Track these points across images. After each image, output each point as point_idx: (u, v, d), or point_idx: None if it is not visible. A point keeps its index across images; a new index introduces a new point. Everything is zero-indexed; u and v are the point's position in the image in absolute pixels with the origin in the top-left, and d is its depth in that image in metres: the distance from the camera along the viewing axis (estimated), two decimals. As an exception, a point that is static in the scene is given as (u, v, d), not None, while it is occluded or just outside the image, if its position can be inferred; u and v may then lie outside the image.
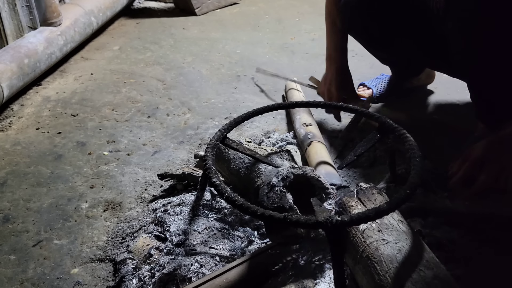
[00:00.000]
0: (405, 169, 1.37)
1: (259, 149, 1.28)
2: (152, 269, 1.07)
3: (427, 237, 1.07)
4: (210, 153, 1.10)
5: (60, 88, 2.06)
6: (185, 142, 1.66)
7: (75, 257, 1.19)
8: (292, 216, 0.87)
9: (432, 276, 0.83)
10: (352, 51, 2.32)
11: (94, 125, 1.77)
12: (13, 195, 1.41)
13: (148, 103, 1.92)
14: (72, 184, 1.46)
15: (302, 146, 1.44)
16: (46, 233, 1.27)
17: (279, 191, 1.03)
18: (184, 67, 2.24)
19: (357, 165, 1.44)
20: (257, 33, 2.65)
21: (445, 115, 1.72)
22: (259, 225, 1.16)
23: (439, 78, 1.87)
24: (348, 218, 0.85)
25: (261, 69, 2.00)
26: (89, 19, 2.41)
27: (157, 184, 1.44)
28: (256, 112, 1.29)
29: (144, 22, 2.85)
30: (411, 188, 0.95)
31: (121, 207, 1.35)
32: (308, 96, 1.83)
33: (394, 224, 0.93)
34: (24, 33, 2.07)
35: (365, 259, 0.89)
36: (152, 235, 1.17)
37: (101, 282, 1.12)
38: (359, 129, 1.64)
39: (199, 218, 1.19)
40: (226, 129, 1.20)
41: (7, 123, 1.79)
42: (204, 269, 1.04)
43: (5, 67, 1.81)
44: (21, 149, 1.63)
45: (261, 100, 1.92)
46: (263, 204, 1.04)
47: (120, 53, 2.42)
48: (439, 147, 1.53)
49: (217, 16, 2.95)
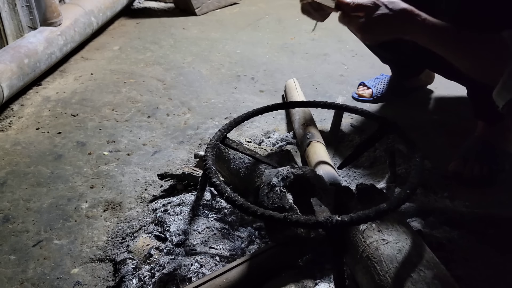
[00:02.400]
0: (405, 169, 1.37)
1: (259, 149, 1.28)
2: (152, 269, 1.07)
3: (427, 237, 1.07)
4: (210, 153, 1.10)
5: (60, 88, 2.06)
6: (185, 142, 1.66)
7: (75, 257, 1.19)
8: (292, 216, 0.87)
9: (432, 276, 0.83)
10: (352, 51, 2.33)
11: (94, 125, 1.77)
12: (13, 195, 1.41)
13: (148, 103, 1.92)
14: (72, 184, 1.46)
15: (301, 146, 1.44)
16: (46, 233, 1.27)
17: (279, 191, 1.03)
18: (184, 67, 2.24)
19: (357, 165, 1.44)
20: (257, 33, 2.65)
21: (445, 115, 1.73)
22: (260, 225, 1.16)
23: (439, 78, 1.86)
24: (348, 218, 0.85)
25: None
26: (89, 19, 2.40)
27: (157, 184, 1.44)
28: (256, 112, 1.29)
29: (144, 22, 2.85)
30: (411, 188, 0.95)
31: (121, 207, 1.36)
32: (308, 96, 1.83)
33: (394, 224, 0.93)
34: (24, 33, 2.07)
35: (365, 259, 0.89)
36: (152, 235, 1.17)
37: (101, 282, 1.12)
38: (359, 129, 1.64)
39: (199, 218, 1.19)
40: (226, 129, 1.20)
41: (7, 123, 1.79)
42: (204, 269, 1.04)
43: (5, 67, 1.81)
44: (21, 149, 1.63)
45: (261, 100, 1.92)
46: (263, 204, 1.04)
47: (120, 53, 2.42)
48: (439, 147, 1.53)
49: (217, 16, 2.95)
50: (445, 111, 1.76)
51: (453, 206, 1.25)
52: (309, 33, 2.57)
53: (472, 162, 1.37)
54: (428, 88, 1.90)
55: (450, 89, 1.85)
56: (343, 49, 2.38)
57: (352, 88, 1.95)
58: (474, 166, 1.37)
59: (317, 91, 1.98)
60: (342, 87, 2.00)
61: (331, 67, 2.20)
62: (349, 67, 2.20)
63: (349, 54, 2.32)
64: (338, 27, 1.22)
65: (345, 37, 2.45)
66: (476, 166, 1.36)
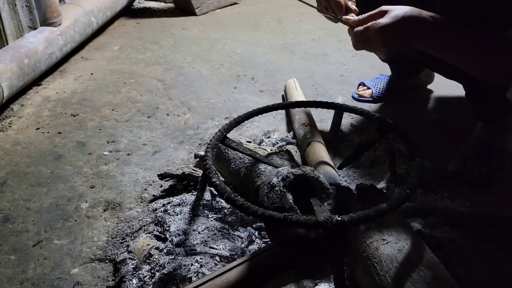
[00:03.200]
0: (405, 169, 1.37)
1: (259, 149, 1.28)
2: (152, 269, 1.07)
3: (427, 237, 1.07)
4: (210, 153, 1.10)
5: (60, 88, 2.06)
6: (185, 142, 1.66)
7: (75, 257, 1.19)
8: (292, 216, 0.87)
9: (432, 276, 0.83)
10: (352, 51, 2.33)
11: (94, 125, 1.77)
12: (13, 195, 1.41)
13: (148, 103, 1.92)
14: (72, 184, 1.46)
15: (301, 146, 1.44)
16: (46, 233, 1.27)
17: (279, 191, 1.03)
18: (184, 67, 2.24)
19: (357, 165, 1.44)
20: (257, 33, 2.65)
21: (445, 115, 1.73)
22: (260, 225, 1.16)
23: (439, 78, 1.86)
24: (348, 218, 0.85)
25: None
26: (89, 19, 2.40)
27: (157, 184, 1.44)
28: (256, 112, 1.29)
29: (144, 22, 2.85)
30: (411, 188, 0.95)
31: (121, 207, 1.36)
32: (308, 96, 1.83)
33: (394, 224, 0.93)
34: (24, 33, 2.07)
35: (365, 259, 0.89)
36: (152, 235, 1.17)
37: (101, 282, 1.12)
38: (359, 129, 1.64)
39: (199, 218, 1.19)
40: (226, 129, 1.20)
41: (7, 123, 1.79)
42: (204, 269, 1.04)
43: (5, 67, 1.81)
44: (21, 149, 1.63)
45: (261, 100, 1.92)
46: (263, 204, 1.04)
47: (120, 53, 2.42)
48: (439, 147, 1.53)
49: (217, 16, 2.95)
50: (445, 111, 1.76)
51: (453, 206, 1.25)
52: (309, 33, 2.57)
53: (472, 162, 1.37)
54: (428, 88, 1.90)
55: (450, 89, 1.85)
56: (343, 49, 2.38)
57: (352, 88, 1.95)
58: (474, 166, 1.37)
59: (317, 91, 1.98)
60: (342, 87, 2.00)
61: (331, 67, 2.20)
62: (349, 67, 2.20)
63: (349, 54, 2.32)
64: (338, 27, 1.22)
65: (345, 37, 2.44)
66: (476, 166, 1.36)
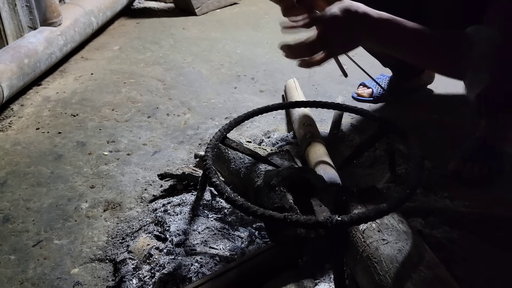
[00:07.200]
0: (405, 169, 1.37)
1: (259, 149, 1.28)
2: (152, 269, 1.07)
3: (427, 237, 1.07)
4: (210, 153, 1.10)
5: (60, 88, 2.06)
6: (185, 142, 1.66)
7: (75, 257, 1.19)
8: (292, 216, 0.87)
9: (432, 276, 0.83)
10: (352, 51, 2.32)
11: (94, 125, 1.77)
12: (13, 195, 1.41)
13: (148, 103, 1.92)
14: (72, 184, 1.46)
15: (301, 146, 1.44)
16: (46, 233, 1.27)
17: (279, 191, 1.03)
18: (184, 67, 2.24)
19: (357, 165, 1.44)
20: (257, 33, 2.65)
21: (445, 115, 1.72)
22: (260, 225, 1.16)
23: (439, 78, 1.86)
24: (348, 218, 0.85)
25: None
26: (89, 19, 2.40)
27: (157, 184, 1.44)
28: (256, 112, 1.29)
29: (144, 22, 2.85)
30: (411, 188, 0.95)
31: (121, 207, 1.36)
32: (308, 96, 1.83)
33: (394, 224, 0.93)
34: (24, 33, 2.07)
35: (365, 259, 0.89)
36: (152, 235, 1.17)
37: (101, 282, 1.12)
38: (359, 129, 1.64)
39: (199, 218, 1.19)
40: (226, 129, 1.20)
41: (7, 123, 1.79)
42: (204, 269, 1.04)
43: (5, 67, 1.81)
44: (21, 149, 1.63)
45: (261, 100, 1.92)
46: (263, 204, 1.04)
47: (120, 53, 2.42)
48: (439, 147, 1.53)
49: (217, 16, 2.95)
50: (445, 111, 1.76)
51: (453, 206, 1.25)
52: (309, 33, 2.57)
53: (472, 162, 1.37)
54: (428, 88, 1.90)
55: (450, 89, 1.85)
56: (343, 49, 2.38)
57: (352, 88, 1.95)
58: (474, 166, 1.36)
59: (317, 91, 1.98)
60: (342, 87, 2.00)
61: (331, 67, 2.18)
62: (349, 67, 2.19)
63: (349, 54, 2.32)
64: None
65: (345, 37, 2.44)
66: (476, 166, 1.36)
